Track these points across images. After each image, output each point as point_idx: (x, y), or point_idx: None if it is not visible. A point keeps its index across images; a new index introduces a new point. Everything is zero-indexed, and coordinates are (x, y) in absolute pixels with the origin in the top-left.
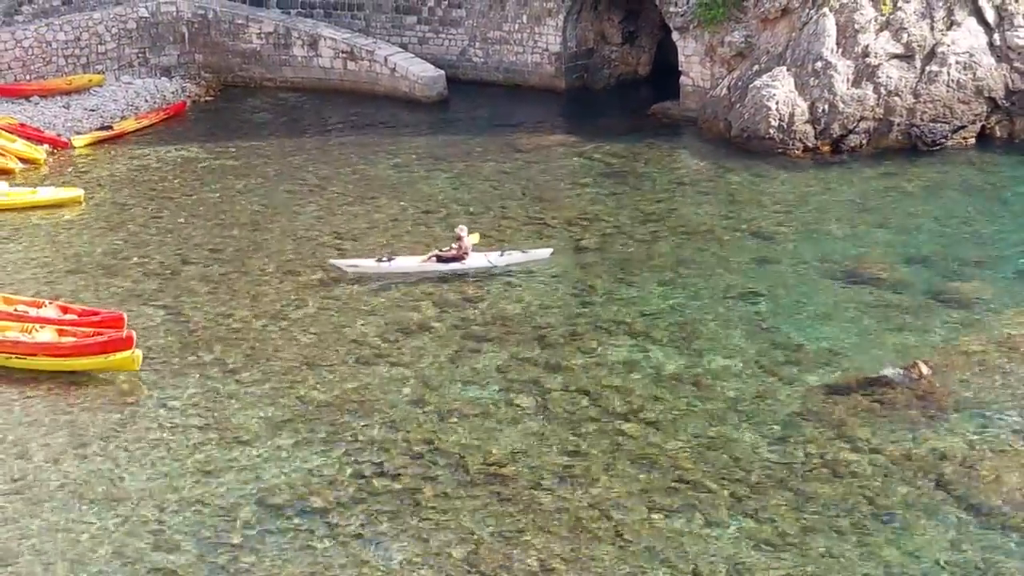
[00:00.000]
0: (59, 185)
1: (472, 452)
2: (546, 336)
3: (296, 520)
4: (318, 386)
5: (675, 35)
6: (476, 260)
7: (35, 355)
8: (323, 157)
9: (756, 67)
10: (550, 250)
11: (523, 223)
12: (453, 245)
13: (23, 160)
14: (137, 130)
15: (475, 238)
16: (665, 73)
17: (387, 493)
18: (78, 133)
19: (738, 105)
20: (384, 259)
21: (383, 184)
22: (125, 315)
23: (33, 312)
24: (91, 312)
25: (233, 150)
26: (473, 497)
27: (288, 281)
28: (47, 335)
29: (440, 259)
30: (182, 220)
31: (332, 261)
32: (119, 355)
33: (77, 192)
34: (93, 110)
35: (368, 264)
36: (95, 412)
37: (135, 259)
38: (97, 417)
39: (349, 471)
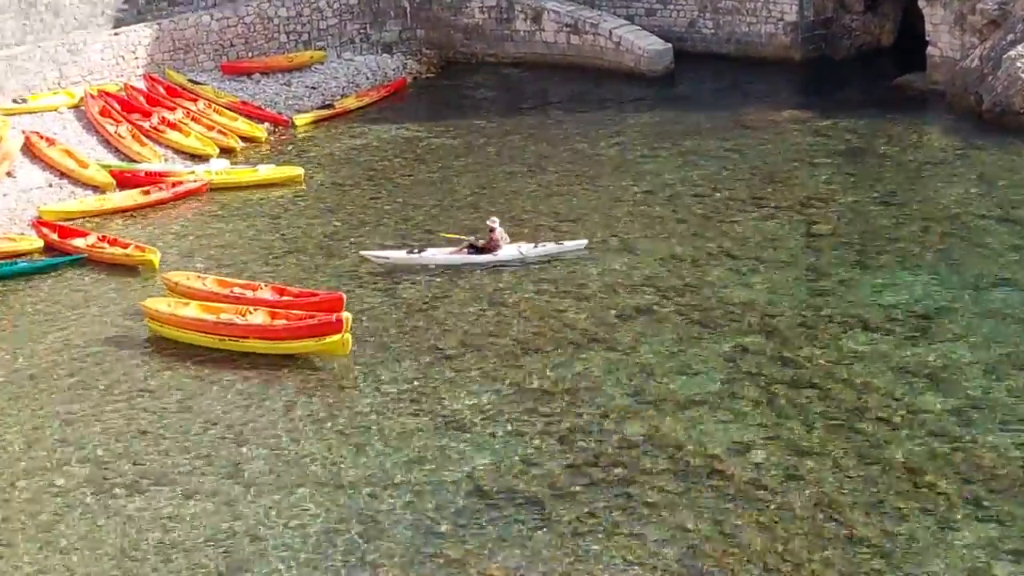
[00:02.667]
0: (279, 164)
1: (692, 446)
2: (775, 326)
3: (508, 510)
4: (533, 373)
5: (922, 2)
6: (508, 251)
7: (247, 338)
8: (543, 135)
9: (1011, 36)
10: (585, 241)
11: (749, 204)
12: (486, 235)
13: (244, 138)
14: (357, 108)
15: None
16: (910, 43)
17: (601, 484)
18: (299, 111)
19: (990, 78)
20: (415, 251)
21: (604, 163)
22: (344, 295)
23: (249, 294)
24: (309, 293)
25: (453, 129)
26: (691, 493)
27: (505, 264)
28: (259, 318)
29: (473, 249)
30: (400, 201)
31: (363, 253)
32: (329, 339)
33: (297, 171)
34: (314, 88)
35: (399, 255)
36: (309, 396)
37: (352, 240)
38: (311, 401)
39: (563, 461)
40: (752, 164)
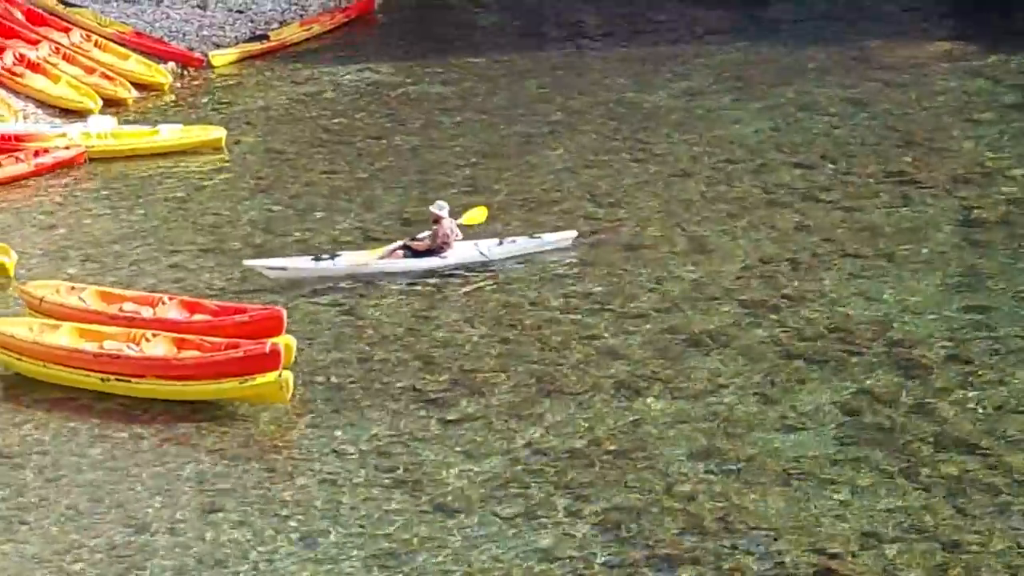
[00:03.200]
0: (190, 122)
1: (793, 535)
2: (911, 357)
3: None
4: (555, 426)
5: None
6: (463, 251)
7: (143, 376)
8: (574, 80)
9: None
10: (574, 233)
11: (878, 180)
12: (426, 232)
13: (139, 86)
14: (303, 40)
15: (477, 215)
16: None
17: None
18: (218, 46)
19: None
20: (325, 257)
21: (663, 120)
22: (284, 312)
23: (146, 313)
24: (233, 309)
25: (442, 71)
26: None
27: (520, 268)
28: (161, 347)
29: (411, 251)
30: (365, 176)
31: (247, 262)
32: (260, 378)
33: (216, 133)
34: (240, 12)
35: (300, 264)
36: (231, 463)
37: (296, 233)
38: (234, 470)
39: (604, 558)
40: (882, 122)
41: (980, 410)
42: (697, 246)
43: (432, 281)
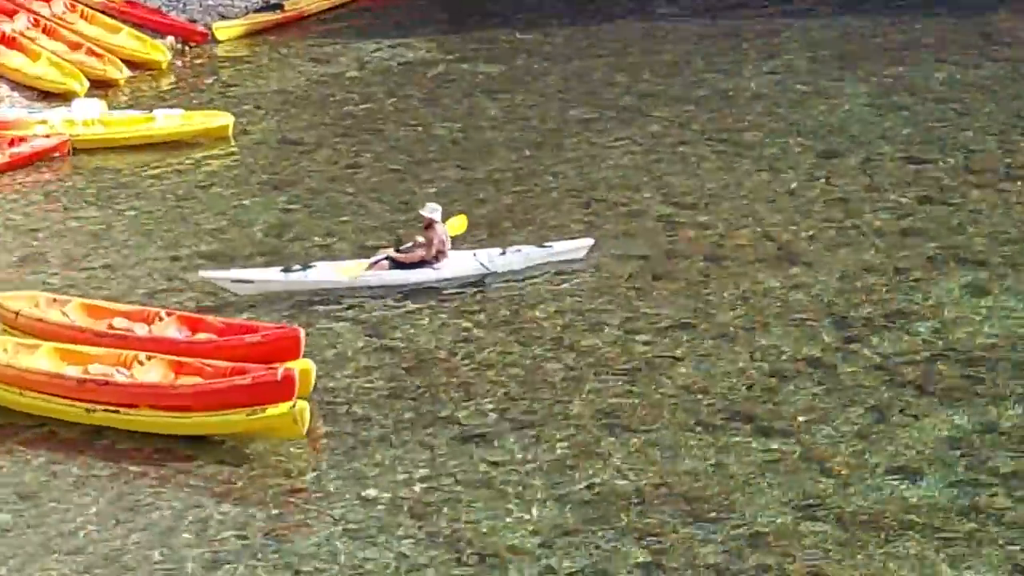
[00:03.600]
0: (191, 107)
1: None
2: None
3: None
4: (626, 466)
5: None
6: (459, 263)
7: (135, 406)
8: (644, 58)
9: None
10: (591, 241)
11: (1003, 178)
12: (418, 238)
13: (133, 64)
14: (324, 10)
15: (457, 225)
16: None
17: None
18: (224, 17)
19: None
20: (296, 268)
21: (750, 107)
22: (302, 331)
23: (141, 331)
24: (242, 327)
25: (487, 47)
26: None
27: (580, 278)
28: (156, 372)
29: (396, 263)
30: (397, 169)
31: (203, 274)
32: (270, 410)
33: (222, 119)
34: None
35: (267, 276)
36: (236, 507)
37: (315, 238)
38: (239, 519)
39: None
40: (1009, 108)
41: None
42: (789, 255)
43: (474, 294)
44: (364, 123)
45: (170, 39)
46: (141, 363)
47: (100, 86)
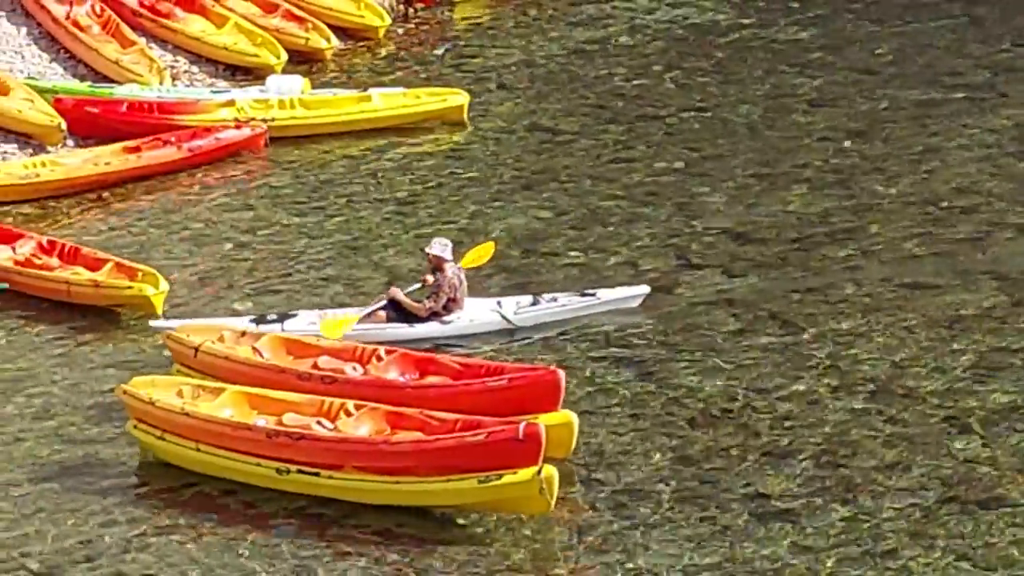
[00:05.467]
0: (416, 85)
1: None
2: None
3: None
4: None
5: None
6: (477, 313)
7: (339, 467)
8: (1004, 23)
9: None
10: (646, 288)
11: None
12: (428, 277)
13: (343, 30)
14: None
15: (480, 254)
16: None
17: None
18: None
19: None
20: (271, 318)
21: None
22: (562, 374)
23: (353, 372)
24: (486, 368)
25: (800, 6)
26: None
27: (914, 306)
28: (367, 424)
29: (398, 308)
30: (678, 166)
31: (153, 323)
32: (507, 477)
33: (455, 98)
34: None
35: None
36: None
37: (572, 254)
38: None
39: None
40: None
41: None
42: None
43: (778, 317)
44: (637, 106)
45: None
46: (349, 413)
47: (302, 58)
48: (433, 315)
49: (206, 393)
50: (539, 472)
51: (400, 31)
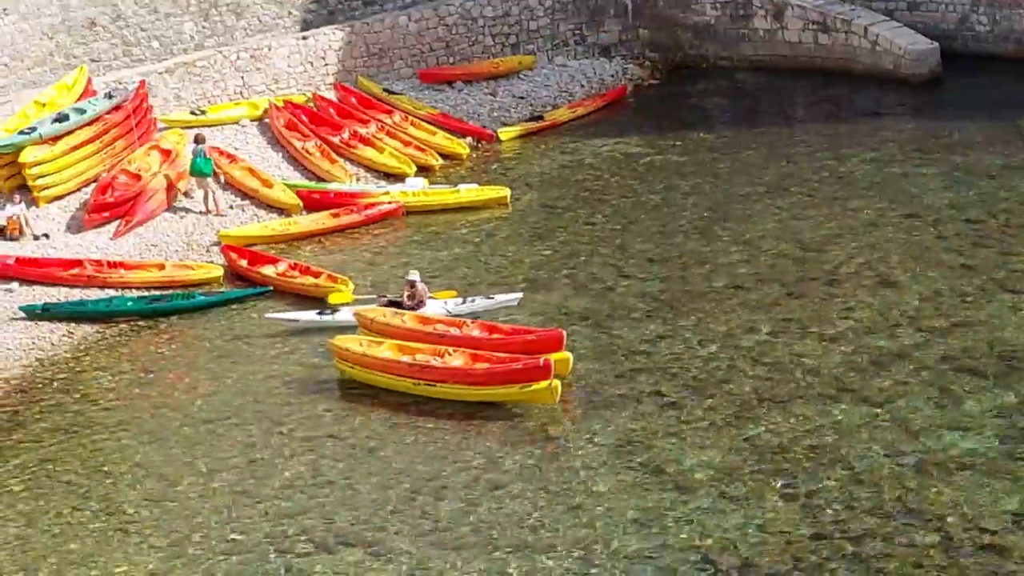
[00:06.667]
0: (482, 184)
1: (960, 517)
2: None
3: None
4: (771, 427)
5: None
6: (432, 308)
7: (445, 382)
8: (785, 151)
9: None
10: (519, 295)
11: None
12: (405, 298)
13: (444, 155)
14: (570, 120)
15: (447, 294)
16: None
17: (853, 560)
18: (505, 124)
19: None
20: (327, 312)
21: (857, 183)
22: (564, 332)
23: (454, 332)
24: (523, 331)
25: (679, 144)
26: (960, 570)
27: (739, 299)
28: (459, 359)
29: (393, 306)
30: (618, 226)
31: (268, 316)
32: (534, 385)
33: (503, 192)
34: (522, 98)
35: (308, 317)
36: (512, 448)
37: (564, 271)
38: (514, 454)
39: (807, 531)
40: None
41: None
42: (883, 282)
43: (667, 304)
44: (595, 194)
45: (469, 139)
46: (450, 354)
47: (423, 170)
48: (410, 308)
49: (376, 344)
50: (551, 383)
51: (474, 155)
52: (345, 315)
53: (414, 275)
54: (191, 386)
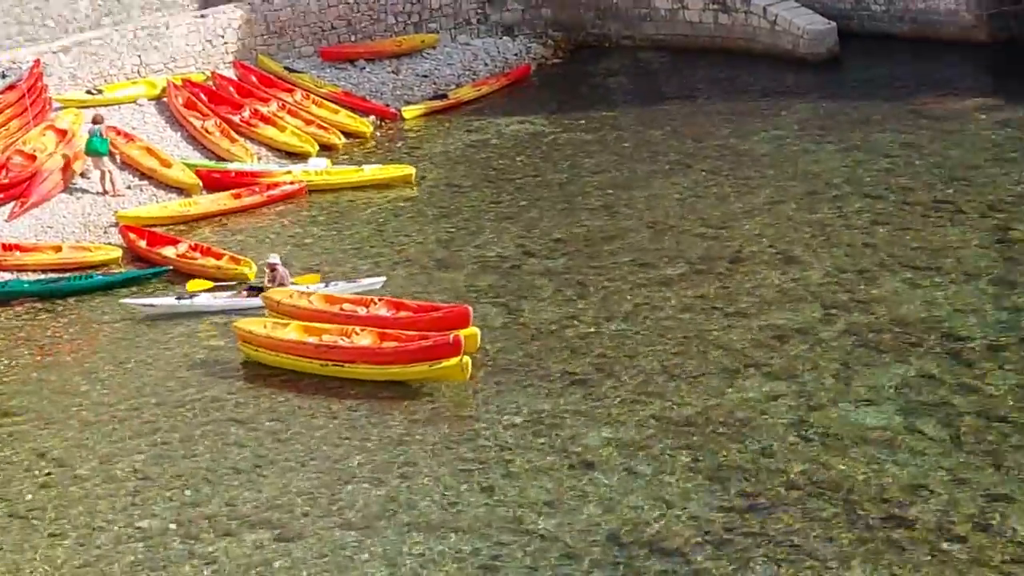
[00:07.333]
0: (387, 162)
1: (864, 488)
2: (959, 348)
3: (651, 562)
4: (678, 402)
5: None
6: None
7: (353, 362)
8: (687, 129)
9: None
10: (383, 279)
11: (929, 207)
12: (267, 281)
13: (347, 134)
14: (474, 99)
15: (311, 279)
16: None
17: (759, 534)
18: (408, 103)
19: None
20: (185, 297)
21: (758, 161)
22: (470, 308)
23: (361, 311)
24: (431, 307)
25: (583, 122)
26: (864, 544)
27: (645, 276)
28: (367, 339)
29: (254, 292)
30: (524, 204)
31: (123, 301)
32: (444, 363)
33: (407, 170)
34: (425, 76)
35: (165, 302)
36: (422, 427)
37: (470, 249)
38: (424, 434)
39: (715, 505)
40: (931, 161)
41: (1016, 390)
42: (786, 259)
43: (573, 281)
44: (500, 173)
45: (372, 117)
46: (358, 333)
47: (326, 149)
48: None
49: (279, 326)
50: (461, 360)
51: (378, 133)
52: (203, 300)
53: (274, 258)
54: (90, 370)
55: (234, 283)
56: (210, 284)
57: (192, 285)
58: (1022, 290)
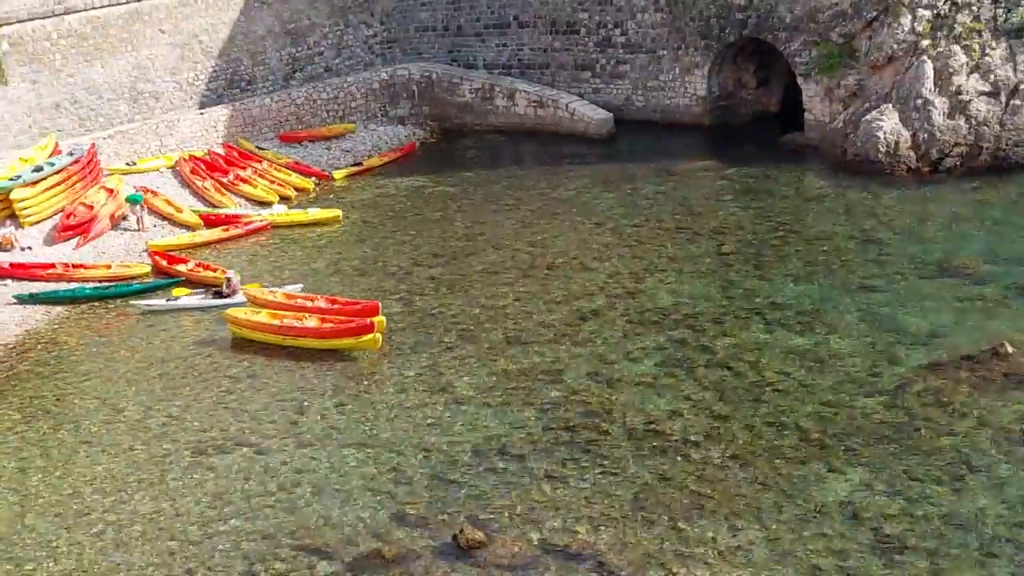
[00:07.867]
0: (323, 207)
1: (636, 413)
2: (695, 322)
3: (501, 462)
4: (516, 360)
5: (800, 80)
6: (241, 297)
7: (304, 337)
8: (518, 183)
9: (867, 104)
10: (301, 285)
11: (674, 231)
12: (225, 288)
13: (297, 189)
14: (380, 165)
15: (256, 286)
16: (792, 110)
17: (570, 444)
18: (336, 168)
19: (852, 135)
20: (171, 299)
21: (564, 203)
22: (379, 303)
23: (309, 304)
24: (353, 302)
25: (451, 179)
26: (637, 448)
27: (492, 278)
28: (312, 322)
29: (217, 295)
30: (413, 233)
31: (134, 302)
32: (364, 338)
33: (336, 212)
34: (348, 151)
35: (158, 303)
36: (349, 379)
37: (379, 263)
38: (351, 383)
39: (540, 425)
40: (676, 202)
41: (731, 347)
42: (584, 265)
43: (447, 283)
44: (398, 213)
45: (313, 178)
46: (307, 318)
47: (283, 199)
48: (227, 296)
49: (255, 312)
50: (374, 335)
51: (317, 189)
52: (185, 301)
53: (231, 272)
54: (129, 344)
55: (203, 289)
56: (188, 291)
57: (176, 292)
58: (733, 284)
